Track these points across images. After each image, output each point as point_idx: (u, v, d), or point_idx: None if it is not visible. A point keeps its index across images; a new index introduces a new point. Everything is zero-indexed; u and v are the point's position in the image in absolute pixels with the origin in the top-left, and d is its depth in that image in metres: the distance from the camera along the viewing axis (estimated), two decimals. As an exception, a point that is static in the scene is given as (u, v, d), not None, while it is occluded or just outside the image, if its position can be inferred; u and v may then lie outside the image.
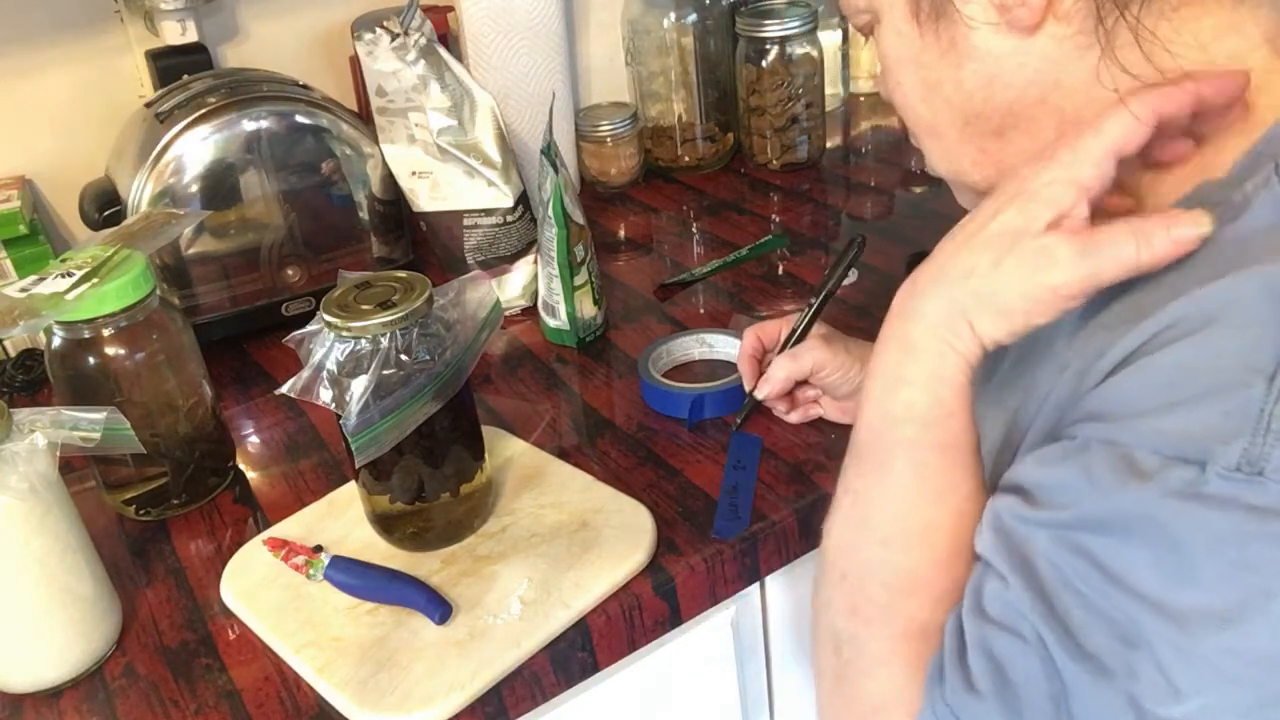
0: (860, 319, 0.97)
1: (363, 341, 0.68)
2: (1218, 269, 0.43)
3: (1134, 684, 0.43)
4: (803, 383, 0.83)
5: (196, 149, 0.98)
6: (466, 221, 1.07)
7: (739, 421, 0.85)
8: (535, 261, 1.04)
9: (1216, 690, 0.42)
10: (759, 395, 0.83)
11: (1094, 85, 0.51)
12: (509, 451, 0.85)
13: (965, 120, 0.54)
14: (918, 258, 0.54)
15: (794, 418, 0.85)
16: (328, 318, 0.69)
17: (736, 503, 0.77)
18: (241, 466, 0.90)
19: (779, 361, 0.82)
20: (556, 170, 0.93)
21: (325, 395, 0.68)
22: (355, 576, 0.74)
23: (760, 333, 0.86)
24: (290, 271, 1.05)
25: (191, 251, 1.01)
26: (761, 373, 0.84)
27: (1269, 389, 0.40)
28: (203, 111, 0.99)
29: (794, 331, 0.84)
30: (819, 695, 0.57)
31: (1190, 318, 0.43)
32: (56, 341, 0.78)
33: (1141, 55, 0.50)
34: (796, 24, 1.24)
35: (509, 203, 1.05)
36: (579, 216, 0.96)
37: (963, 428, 0.52)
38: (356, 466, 0.74)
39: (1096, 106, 0.50)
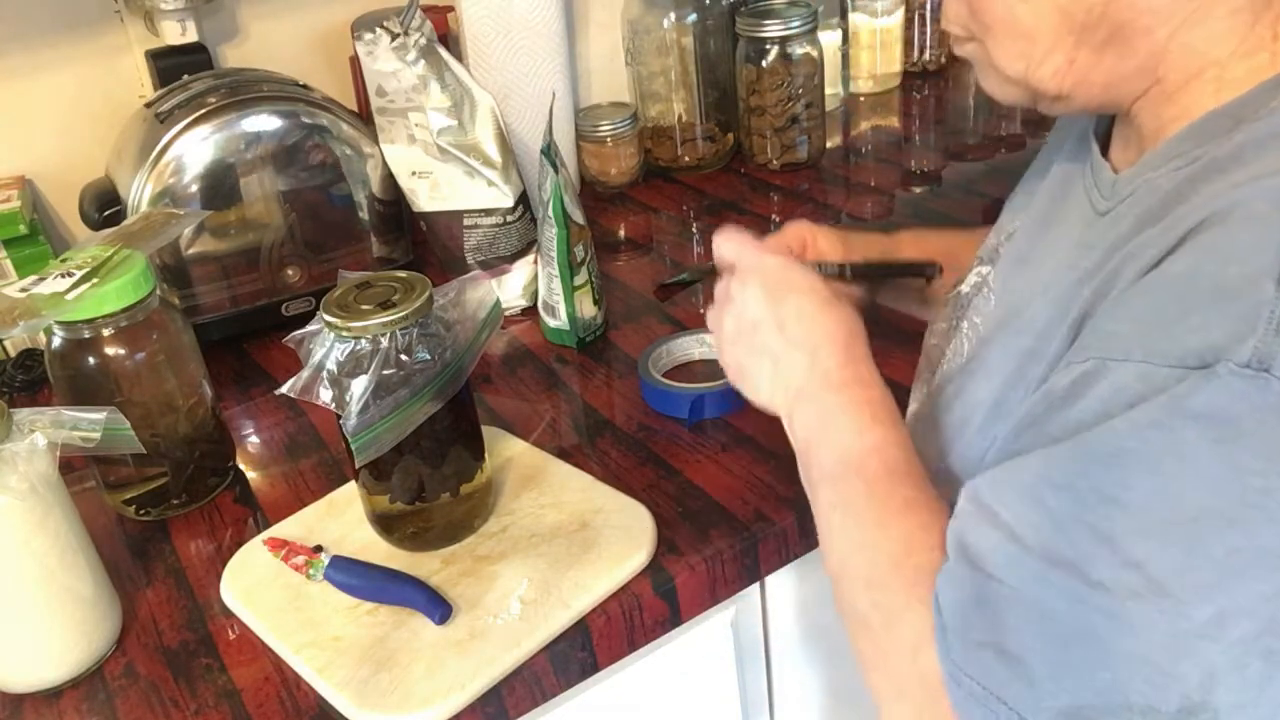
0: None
1: (363, 341, 0.68)
2: (1231, 176, 0.45)
3: (1146, 602, 0.44)
4: None
5: (196, 149, 0.98)
6: (466, 221, 1.07)
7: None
8: (535, 261, 1.04)
9: (1230, 589, 0.43)
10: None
11: (1212, 44, 0.50)
12: (509, 451, 0.85)
13: (1071, 28, 0.53)
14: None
15: None
16: (328, 318, 0.69)
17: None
18: (241, 466, 0.90)
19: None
20: (556, 170, 0.93)
21: (325, 395, 0.68)
22: (355, 576, 0.74)
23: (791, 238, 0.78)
24: (290, 271, 1.05)
25: (191, 251, 1.01)
26: None
27: (1278, 290, 0.41)
28: (203, 111, 0.99)
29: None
30: (863, 657, 0.58)
31: (1209, 220, 0.44)
32: (56, 341, 0.78)
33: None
34: (796, 24, 1.24)
35: (509, 203, 1.05)
36: (579, 216, 0.96)
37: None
38: (356, 466, 0.74)
39: (1187, 70, 0.50)
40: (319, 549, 0.77)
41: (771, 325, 0.64)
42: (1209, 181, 0.47)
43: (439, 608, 0.70)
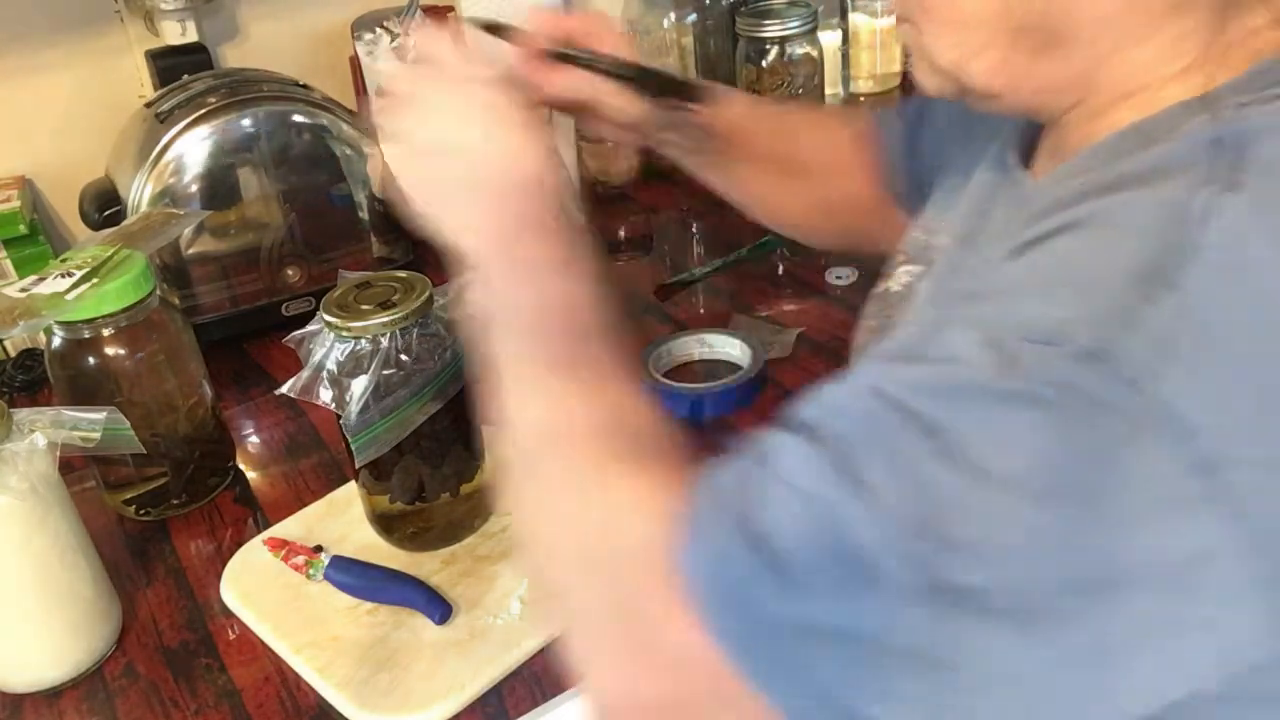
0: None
1: (363, 341, 0.68)
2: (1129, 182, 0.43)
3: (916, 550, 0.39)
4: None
5: (196, 149, 0.98)
6: (466, 221, 1.06)
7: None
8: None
9: (1009, 564, 0.38)
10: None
11: (1153, 64, 0.48)
12: (509, 451, 0.85)
13: (1009, 25, 0.50)
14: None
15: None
16: (328, 318, 0.69)
17: None
18: (241, 466, 0.90)
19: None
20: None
21: (325, 395, 0.68)
22: (355, 576, 0.74)
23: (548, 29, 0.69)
24: (290, 271, 1.05)
25: (191, 251, 1.01)
26: None
27: (1141, 291, 0.39)
28: (203, 111, 0.99)
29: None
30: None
31: (1089, 218, 0.42)
32: (56, 341, 0.78)
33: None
34: (796, 24, 1.24)
35: (509, 203, 1.05)
36: (579, 216, 0.96)
37: None
38: (356, 466, 0.74)
39: (1123, 86, 0.48)
40: (319, 549, 0.77)
41: (456, 149, 0.56)
42: (1101, 196, 0.44)
43: (439, 608, 0.70)
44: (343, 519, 0.81)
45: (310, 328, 0.71)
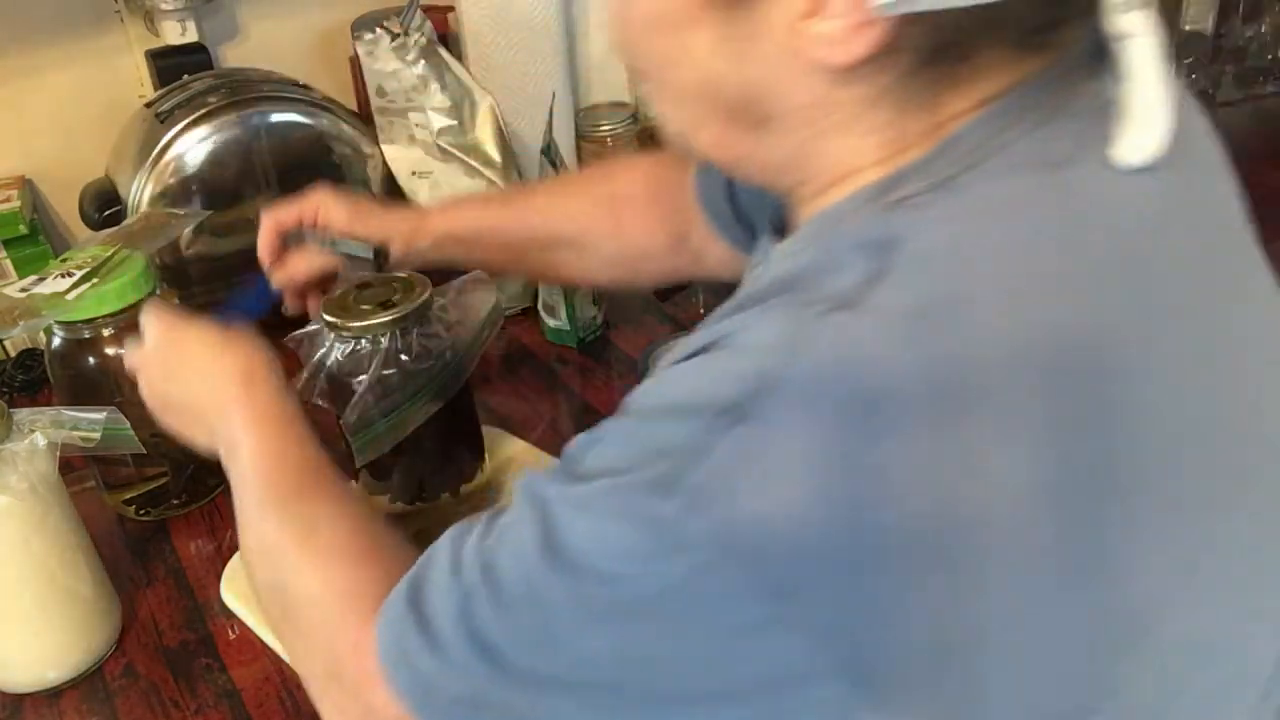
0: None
1: (363, 341, 0.68)
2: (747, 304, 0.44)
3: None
4: None
5: (196, 149, 0.98)
6: (466, 221, 1.07)
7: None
8: (535, 261, 1.04)
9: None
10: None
11: (855, 154, 0.47)
12: (509, 451, 0.85)
13: (718, 105, 0.49)
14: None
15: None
16: (328, 318, 0.69)
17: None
18: (241, 466, 0.90)
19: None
20: (556, 170, 0.93)
21: (325, 395, 0.68)
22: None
23: (279, 219, 0.80)
24: (290, 271, 1.05)
25: (191, 251, 1.01)
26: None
27: (712, 423, 0.39)
28: (203, 111, 0.99)
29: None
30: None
31: (725, 337, 0.43)
32: (56, 341, 0.78)
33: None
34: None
35: (509, 203, 1.05)
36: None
37: None
38: (356, 466, 0.74)
39: (833, 172, 0.47)
40: (319, 549, 0.77)
41: (181, 394, 0.67)
42: (747, 309, 0.43)
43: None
44: (343, 519, 0.80)
45: (310, 327, 0.71)
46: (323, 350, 0.69)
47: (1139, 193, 0.43)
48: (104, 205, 1.00)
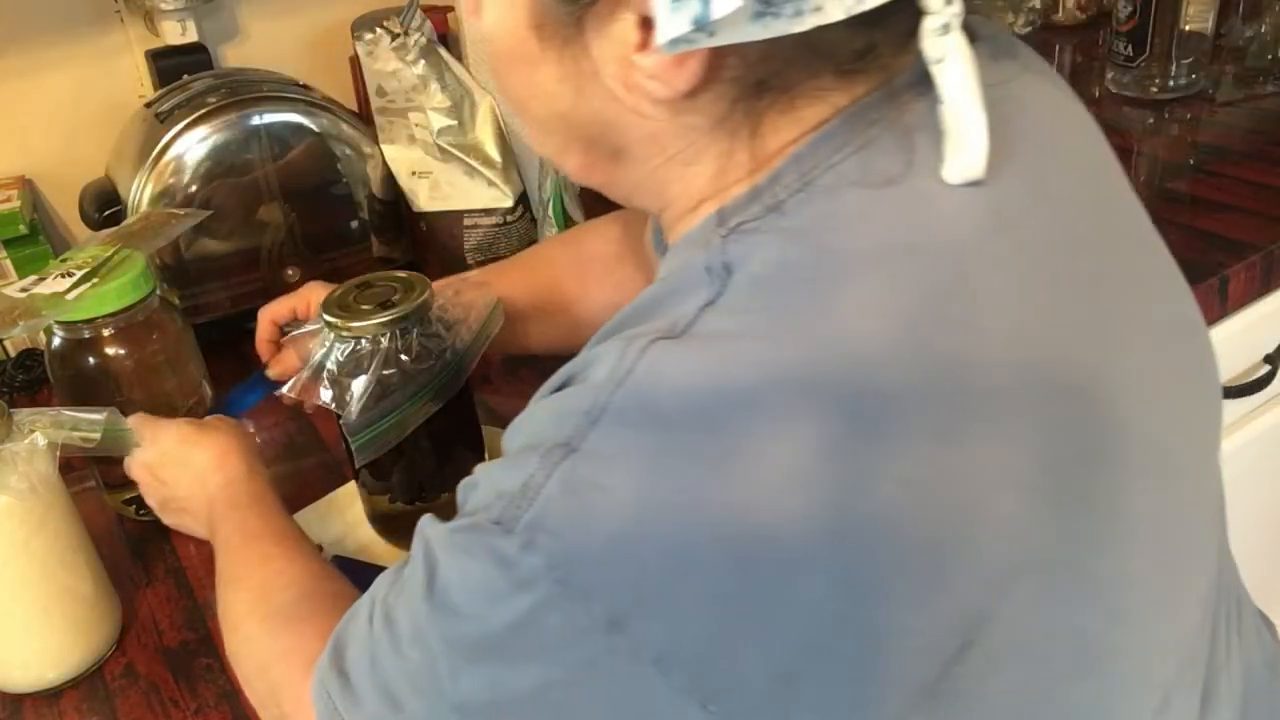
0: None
1: (363, 341, 0.68)
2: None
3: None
4: None
5: (196, 149, 0.98)
6: (466, 221, 1.07)
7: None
8: (535, 261, 1.04)
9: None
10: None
11: (706, 181, 0.48)
12: (509, 451, 0.85)
13: (576, 135, 0.50)
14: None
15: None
16: (328, 318, 0.69)
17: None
18: (241, 466, 0.90)
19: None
20: (556, 170, 0.93)
21: (325, 395, 0.68)
22: (355, 577, 0.74)
23: (273, 313, 0.86)
24: (290, 271, 1.05)
25: (191, 251, 1.01)
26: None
27: (544, 460, 0.40)
28: (203, 111, 0.99)
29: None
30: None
31: (579, 371, 0.44)
32: (56, 341, 0.78)
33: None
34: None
35: (509, 203, 1.05)
36: (579, 216, 0.96)
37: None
38: (356, 466, 0.74)
39: (688, 198, 0.48)
40: (319, 549, 0.77)
41: (172, 493, 0.74)
42: (603, 340, 0.44)
43: (439, 608, 0.70)
44: (343, 519, 0.81)
45: (310, 327, 0.71)
46: (323, 350, 0.69)
47: (971, 204, 0.43)
48: (104, 205, 1.00)
